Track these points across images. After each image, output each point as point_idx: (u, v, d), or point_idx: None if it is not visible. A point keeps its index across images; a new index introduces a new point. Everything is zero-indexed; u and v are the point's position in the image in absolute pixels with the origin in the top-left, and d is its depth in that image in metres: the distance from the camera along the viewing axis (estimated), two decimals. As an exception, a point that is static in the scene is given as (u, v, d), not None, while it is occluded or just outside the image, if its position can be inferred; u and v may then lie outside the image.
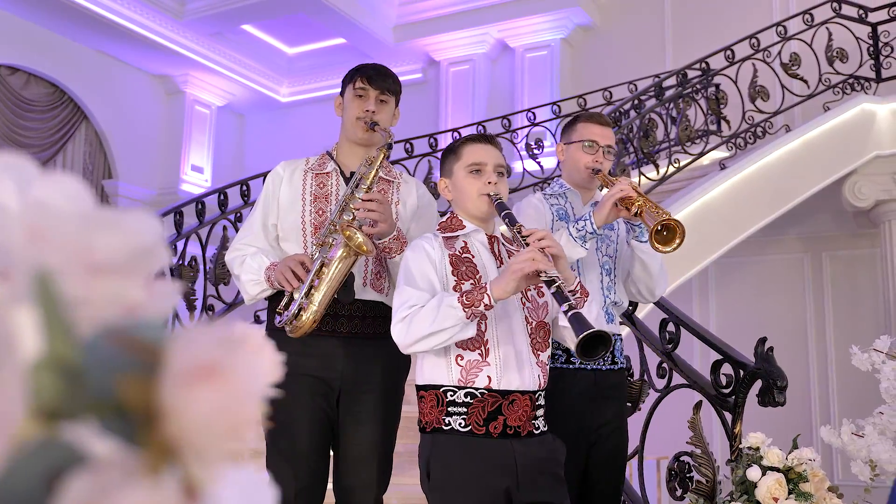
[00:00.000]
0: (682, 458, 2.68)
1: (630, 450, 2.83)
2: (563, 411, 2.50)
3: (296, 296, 2.35)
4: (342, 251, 2.34)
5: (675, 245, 2.32)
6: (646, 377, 2.97)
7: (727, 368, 2.67)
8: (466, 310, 2.00)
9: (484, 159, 2.25)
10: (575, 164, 2.65)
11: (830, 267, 7.08)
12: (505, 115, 6.34)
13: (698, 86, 6.07)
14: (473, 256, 2.22)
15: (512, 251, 2.29)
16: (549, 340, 2.24)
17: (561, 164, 2.74)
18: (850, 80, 6.07)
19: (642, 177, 5.27)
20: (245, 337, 0.38)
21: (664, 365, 2.90)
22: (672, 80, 5.91)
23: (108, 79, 8.15)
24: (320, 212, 2.52)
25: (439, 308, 2.01)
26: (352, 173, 2.53)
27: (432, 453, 2.12)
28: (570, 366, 2.53)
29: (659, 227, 2.30)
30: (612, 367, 2.59)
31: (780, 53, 5.85)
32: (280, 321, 2.37)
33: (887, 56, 6.12)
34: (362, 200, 2.39)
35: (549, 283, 1.97)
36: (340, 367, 2.43)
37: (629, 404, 2.93)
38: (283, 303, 2.40)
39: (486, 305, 2.00)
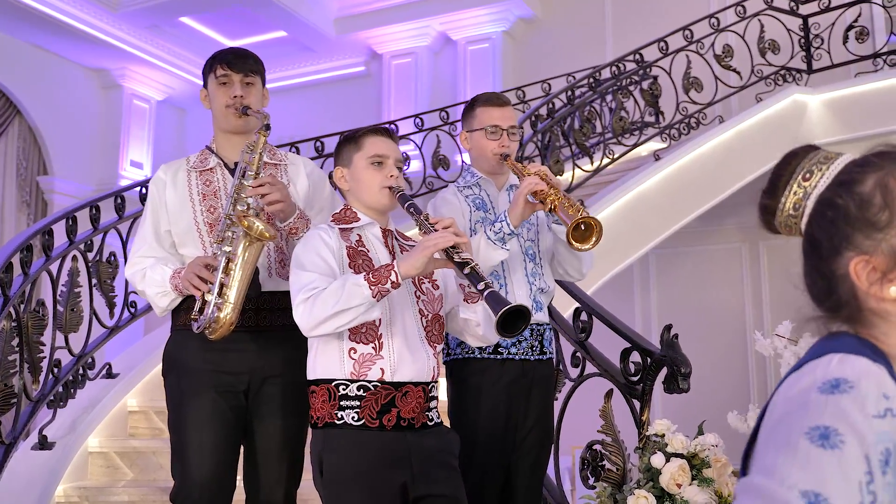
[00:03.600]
0: (594, 447, 2.68)
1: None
2: (489, 402, 2.48)
3: (208, 298, 2.31)
4: (245, 242, 2.30)
5: (591, 243, 2.30)
6: (561, 366, 2.97)
7: (638, 357, 2.67)
8: (373, 287, 1.97)
9: (386, 152, 2.23)
10: (482, 152, 2.63)
11: (767, 256, 7.18)
12: (443, 108, 6.32)
13: (636, 77, 6.10)
14: (368, 250, 2.20)
15: (406, 246, 2.28)
16: (444, 333, 2.23)
17: (468, 152, 2.72)
18: (783, 72, 6.14)
19: (577, 168, 5.29)
20: None
21: (578, 354, 2.90)
22: (608, 72, 5.93)
23: (42, 73, 7.97)
24: (212, 209, 2.46)
25: (344, 287, 1.98)
26: (236, 164, 2.47)
27: (325, 448, 2.10)
28: (498, 356, 2.51)
29: (576, 225, 2.28)
30: (540, 356, 2.58)
31: (713, 45, 5.90)
32: (198, 326, 2.34)
33: (818, 48, 6.21)
34: (253, 188, 2.34)
35: (463, 264, 1.95)
36: (249, 362, 2.40)
37: (545, 393, 2.92)
38: (196, 307, 2.36)
39: (392, 283, 1.98)
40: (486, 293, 1.88)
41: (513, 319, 1.85)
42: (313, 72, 8.81)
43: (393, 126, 5.99)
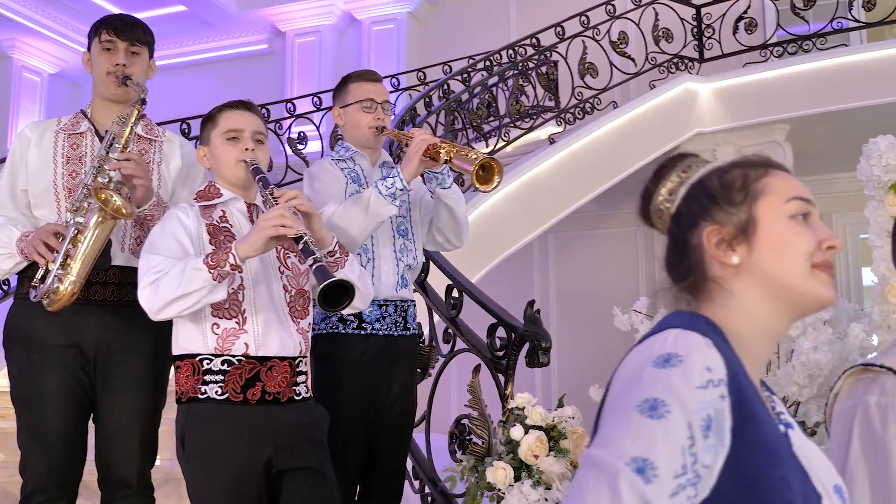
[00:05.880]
0: (462, 422, 2.72)
1: (419, 415, 2.86)
2: (353, 377, 2.49)
3: (51, 267, 2.23)
4: (98, 216, 2.24)
5: (495, 182, 2.32)
6: (434, 343, 3.01)
7: (504, 333, 2.72)
8: (212, 271, 1.97)
9: (241, 125, 2.22)
10: (357, 126, 2.63)
11: (661, 239, 7.36)
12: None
13: (535, 62, 6.16)
14: (232, 226, 2.19)
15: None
16: (310, 308, 2.24)
17: (341, 128, 2.71)
18: (675, 60, 6.29)
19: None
20: None
21: (449, 330, 2.93)
22: (506, 56, 5.97)
23: (-77, 41, 7.59)
24: (73, 174, 2.39)
25: (185, 271, 1.98)
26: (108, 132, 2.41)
27: (187, 422, 2.09)
28: (362, 331, 2.52)
29: (478, 169, 2.29)
30: (403, 332, 2.59)
31: (609, 32, 6.00)
32: (36, 295, 2.25)
33: (709, 38, 6.38)
34: (118, 160, 2.28)
35: (297, 239, 1.97)
36: (95, 337, 2.34)
37: (419, 370, 2.95)
38: (38, 275, 2.27)
39: (231, 265, 1.98)
40: (314, 267, 1.91)
41: (337, 294, 1.89)
42: (214, 48, 8.62)
43: (290, 104, 5.91)
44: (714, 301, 1.10)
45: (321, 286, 1.87)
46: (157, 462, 2.54)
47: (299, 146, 5.60)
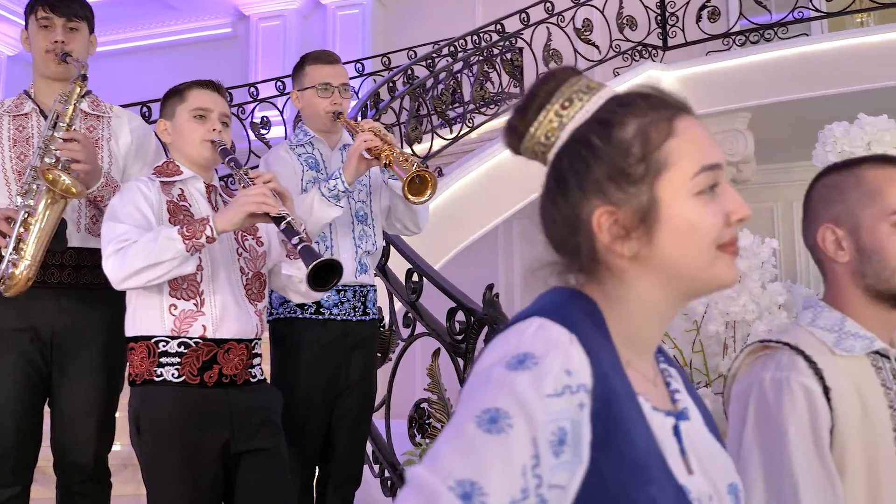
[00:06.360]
0: (421, 406, 2.74)
1: (379, 399, 2.87)
2: (309, 361, 2.49)
3: (4, 253, 2.20)
4: (47, 197, 2.21)
5: (427, 195, 2.34)
6: (395, 327, 3.01)
7: (463, 317, 2.73)
8: (187, 241, 1.96)
9: (210, 105, 2.20)
10: (314, 111, 2.62)
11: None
12: (306, 72, 6.22)
13: (502, 47, 6.17)
14: (191, 205, 2.17)
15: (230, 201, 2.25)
16: (266, 291, 2.23)
17: (300, 111, 2.70)
18: (639, 48, 6.34)
19: (439, 138, 5.32)
20: None
21: (409, 314, 2.94)
22: (471, 42, 5.97)
23: None
24: (22, 157, 2.36)
25: (157, 240, 1.96)
26: None
27: (142, 405, 2.07)
28: (320, 316, 2.51)
29: (412, 179, 2.31)
30: (363, 317, 2.59)
31: (573, 19, 6.02)
32: None
33: (673, 25, 6.43)
34: (63, 140, 2.25)
35: (279, 219, 1.97)
36: (52, 320, 2.31)
37: (379, 354, 2.95)
38: None
39: (207, 238, 1.98)
40: (299, 247, 1.90)
41: (325, 273, 1.89)
42: (176, 31, 8.51)
43: (253, 89, 5.86)
44: (602, 283, 0.93)
45: (311, 266, 1.86)
46: (116, 447, 2.53)
47: (262, 131, 5.57)
